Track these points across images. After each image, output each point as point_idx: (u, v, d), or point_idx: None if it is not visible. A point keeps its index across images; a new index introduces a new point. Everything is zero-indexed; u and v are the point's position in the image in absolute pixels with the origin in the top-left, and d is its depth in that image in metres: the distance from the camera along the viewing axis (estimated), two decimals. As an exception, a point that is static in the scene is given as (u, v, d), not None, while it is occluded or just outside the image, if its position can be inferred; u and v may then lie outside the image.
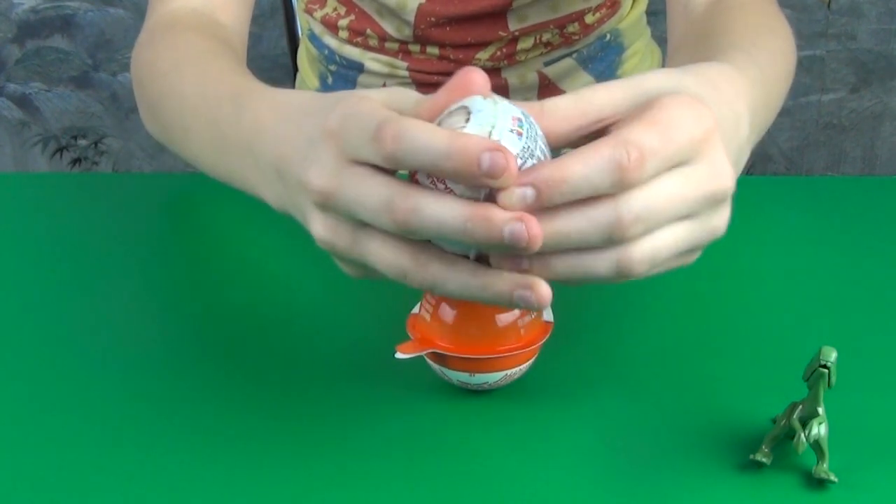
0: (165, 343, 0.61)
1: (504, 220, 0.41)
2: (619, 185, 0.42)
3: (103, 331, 0.62)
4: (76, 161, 2.06)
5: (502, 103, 0.44)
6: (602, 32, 0.94)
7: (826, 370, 0.48)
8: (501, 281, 0.44)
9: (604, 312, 0.63)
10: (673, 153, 0.43)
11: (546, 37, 0.90)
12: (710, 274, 0.66)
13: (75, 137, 2.04)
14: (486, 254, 0.44)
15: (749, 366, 0.58)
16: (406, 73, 0.92)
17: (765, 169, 2.04)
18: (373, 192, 0.43)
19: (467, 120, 0.43)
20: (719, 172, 0.45)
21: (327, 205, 0.45)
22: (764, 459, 0.50)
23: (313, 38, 0.99)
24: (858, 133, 2.01)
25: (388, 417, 0.54)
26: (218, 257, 0.70)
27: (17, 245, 0.72)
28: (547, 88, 0.93)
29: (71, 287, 0.67)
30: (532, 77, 0.92)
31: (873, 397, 0.55)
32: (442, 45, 0.90)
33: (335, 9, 0.93)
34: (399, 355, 0.52)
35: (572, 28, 0.91)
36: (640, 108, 0.45)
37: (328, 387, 0.57)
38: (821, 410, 0.49)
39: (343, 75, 0.97)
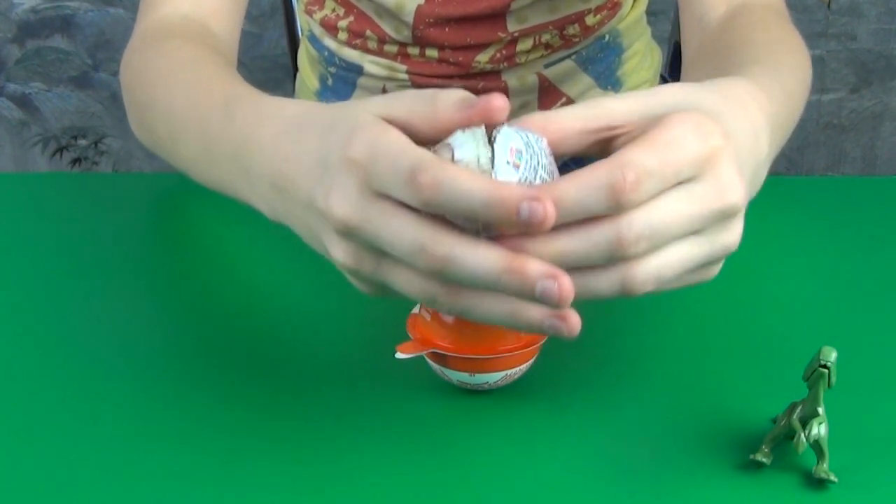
0: (166, 343, 0.61)
1: (537, 275, 0.41)
2: (616, 208, 0.42)
3: (103, 330, 0.62)
4: (76, 161, 2.07)
5: (502, 130, 0.43)
6: (601, 34, 0.94)
7: (826, 370, 0.48)
8: (533, 308, 0.44)
9: (604, 312, 0.63)
10: (672, 173, 0.43)
11: (545, 38, 0.90)
12: (710, 274, 0.66)
13: (75, 137, 2.04)
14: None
15: (749, 366, 0.58)
16: (405, 76, 0.92)
17: (765, 169, 2.03)
18: (404, 235, 0.43)
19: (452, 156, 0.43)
20: (726, 188, 0.44)
21: (350, 234, 0.45)
22: (764, 459, 0.50)
23: (313, 39, 0.99)
24: (858, 133, 2.01)
25: (388, 417, 0.54)
26: (218, 257, 0.70)
27: (17, 245, 0.72)
28: (547, 90, 0.93)
29: (71, 287, 0.67)
30: (532, 79, 0.92)
31: (873, 397, 0.55)
32: (441, 48, 0.90)
33: (334, 10, 0.93)
34: (399, 355, 0.52)
35: (572, 30, 0.91)
36: (645, 127, 0.45)
37: (328, 387, 0.57)
38: (821, 410, 0.49)
39: (343, 77, 0.97)
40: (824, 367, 0.48)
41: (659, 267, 0.44)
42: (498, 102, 0.43)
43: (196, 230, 0.73)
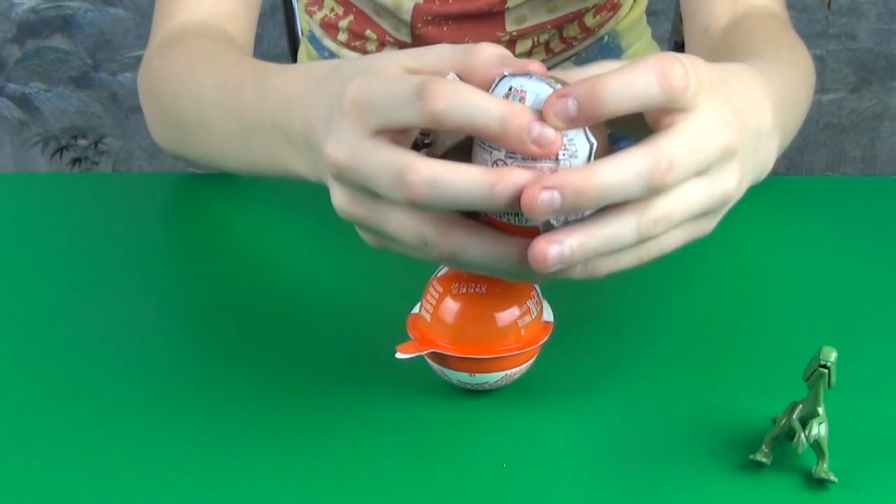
0: (165, 343, 0.61)
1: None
2: (669, 100, 0.42)
3: (103, 330, 0.62)
4: (76, 161, 2.06)
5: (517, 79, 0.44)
6: (600, 34, 0.94)
7: (826, 370, 0.48)
8: (528, 244, 0.43)
9: (604, 312, 0.63)
10: (693, 88, 0.43)
11: (544, 38, 0.90)
12: (710, 274, 0.66)
13: (75, 137, 2.04)
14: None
15: (749, 366, 0.58)
16: None
17: (765, 169, 2.03)
18: (387, 166, 0.43)
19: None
20: (723, 122, 0.45)
21: (342, 177, 0.45)
22: (764, 459, 0.50)
23: (313, 39, 0.99)
24: (858, 133, 2.01)
25: (388, 417, 0.54)
26: (217, 258, 0.70)
27: (17, 245, 0.72)
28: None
29: (71, 287, 0.67)
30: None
31: (873, 397, 0.55)
32: (440, 49, 0.90)
33: (333, 9, 0.93)
34: (399, 355, 0.52)
35: (571, 30, 0.91)
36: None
37: (328, 387, 0.57)
38: (821, 410, 0.49)
39: (343, 76, 0.96)
40: (824, 367, 0.48)
41: (668, 206, 0.44)
42: (534, 66, 0.44)
43: (196, 230, 0.73)
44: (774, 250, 0.69)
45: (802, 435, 0.49)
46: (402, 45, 0.91)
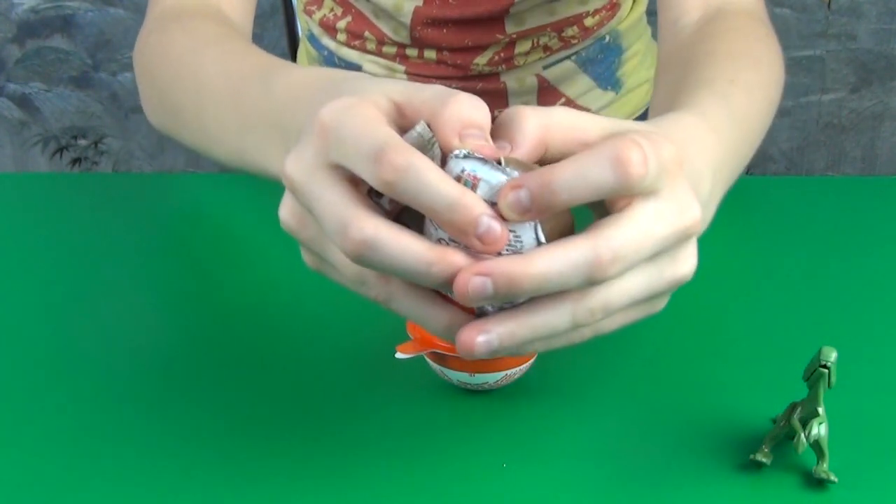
0: (165, 343, 0.61)
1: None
2: (625, 189, 0.40)
3: (103, 330, 0.62)
4: (76, 161, 2.06)
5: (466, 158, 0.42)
6: (601, 34, 0.94)
7: (826, 370, 0.48)
8: (457, 319, 0.42)
9: (604, 312, 0.63)
10: (643, 180, 0.41)
11: (544, 40, 0.90)
12: (710, 274, 0.66)
13: (75, 137, 2.05)
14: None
15: (749, 366, 0.58)
16: (404, 77, 0.92)
17: (765, 169, 2.04)
18: (333, 210, 0.42)
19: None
20: (684, 205, 0.43)
21: (295, 195, 0.45)
22: (764, 459, 0.50)
23: (312, 39, 0.99)
24: (858, 133, 2.01)
25: (388, 417, 0.54)
26: (218, 258, 0.70)
27: (17, 245, 0.72)
28: (546, 91, 0.93)
29: (71, 287, 0.67)
30: (531, 80, 0.92)
31: (873, 397, 0.55)
32: (439, 49, 0.90)
33: (332, 10, 0.93)
34: (399, 355, 0.52)
35: (571, 31, 0.91)
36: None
37: (328, 387, 0.57)
38: (821, 410, 0.49)
39: (342, 76, 0.96)
40: (824, 367, 0.48)
41: (607, 295, 0.42)
42: (487, 151, 0.42)
43: (196, 230, 0.73)
44: (775, 250, 0.69)
45: (802, 435, 0.49)
46: (400, 47, 0.91)
